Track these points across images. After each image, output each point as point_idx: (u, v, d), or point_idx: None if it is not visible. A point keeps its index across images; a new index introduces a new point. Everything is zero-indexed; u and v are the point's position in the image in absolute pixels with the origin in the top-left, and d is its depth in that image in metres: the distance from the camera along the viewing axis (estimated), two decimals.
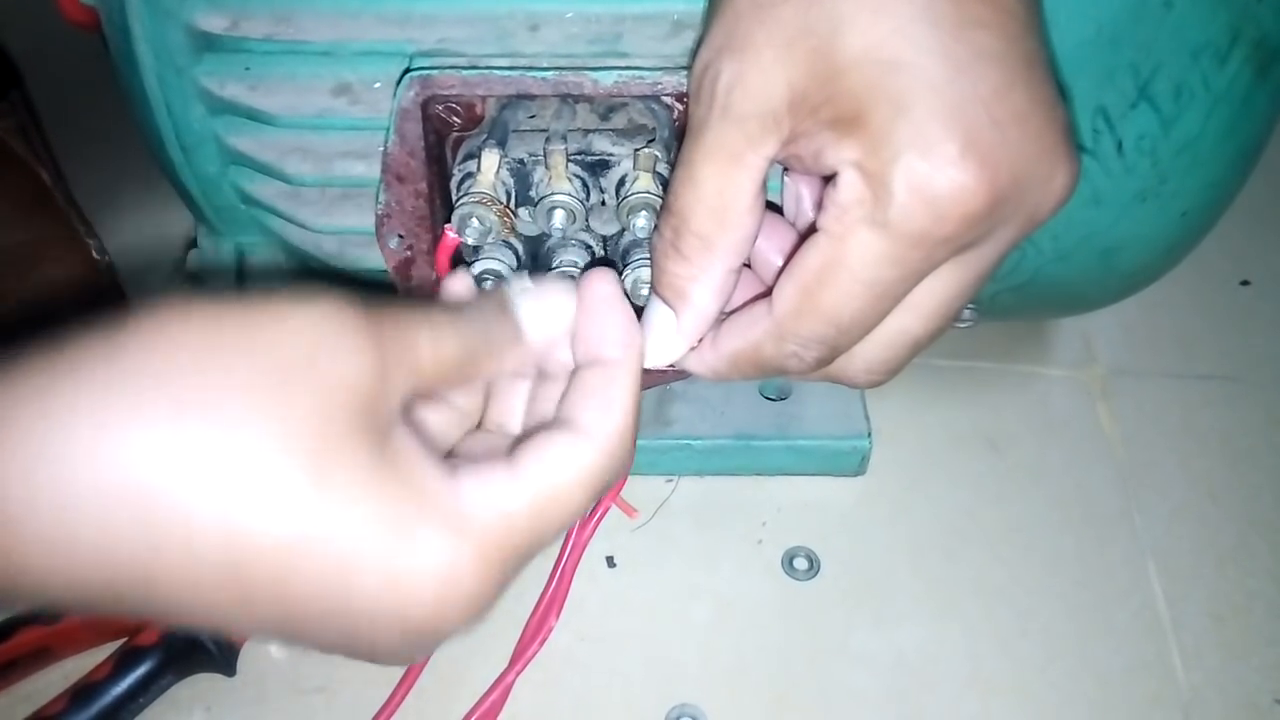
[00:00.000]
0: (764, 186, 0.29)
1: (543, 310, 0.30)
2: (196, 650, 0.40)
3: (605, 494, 0.29)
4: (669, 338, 0.31)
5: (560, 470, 0.27)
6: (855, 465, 0.48)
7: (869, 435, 0.47)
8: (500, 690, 0.40)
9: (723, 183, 0.28)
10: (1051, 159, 0.26)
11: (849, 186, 0.26)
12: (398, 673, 0.41)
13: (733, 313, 0.31)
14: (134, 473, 0.21)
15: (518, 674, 0.40)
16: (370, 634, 0.24)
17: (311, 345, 0.23)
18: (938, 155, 0.25)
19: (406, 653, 0.25)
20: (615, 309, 0.31)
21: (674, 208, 0.29)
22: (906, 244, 0.26)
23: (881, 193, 0.26)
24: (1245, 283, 0.58)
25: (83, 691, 0.39)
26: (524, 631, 0.42)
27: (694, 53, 0.29)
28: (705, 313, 0.30)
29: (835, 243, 0.27)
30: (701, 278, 0.29)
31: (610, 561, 0.45)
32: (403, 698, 0.40)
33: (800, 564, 0.45)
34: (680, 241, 0.29)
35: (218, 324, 0.23)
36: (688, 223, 0.29)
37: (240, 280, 0.43)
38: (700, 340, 0.31)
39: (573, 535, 0.43)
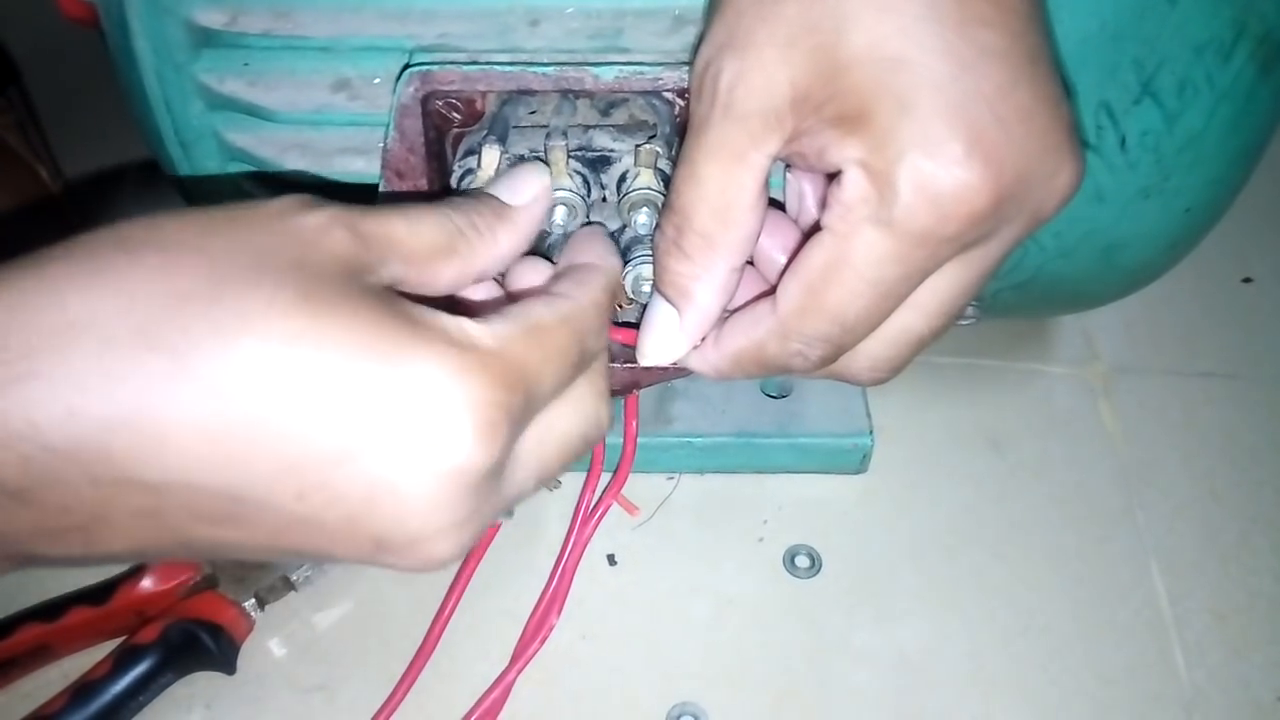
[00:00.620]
0: (767, 184, 0.28)
1: (517, 178, 0.30)
2: (196, 648, 0.40)
3: (586, 355, 0.28)
4: (671, 336, 0.31)
5: (542, 310, 0.26)
6: (857, 463, 0.48)
7: (870, 433, 0.47)
8: (501, 688, 0.40)
9: (725, 181, 0.28)
10: (1056, 156, 0.26)
11: (853, 185, 0.26)
12: (398, 670, 0.41)
13: (736, 311, 0.31)
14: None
15: (519, 672, 0.40)
16: (395, 470, 0.23)
17: (285, 214, 0.24)
18: (943, 154, 0.25)
19: (441, 495, 0.24)
20: (594, 236, 0.31)
21: (676, 206, 0.29)
22: (911, 242, 0.26)
23: (886, 191, 0.25)
24: (1248, 280, 0.58)
25: (82, 689, 0.39)
26: (525, 629, 0.42)
27: (695, 49, 0.29)
28: (708, 311, 0.30)
29: (840, 241, 0.27)
30: (704, 276, 0.29)
31: (611, 559, 0.45)
32: (403, 696, 0.40)
33: (802, 562, 0.45)
34: (683, 240, 0.29)
35: (203, 213, 0.24)
36: (690, 221, 0.29)
37: None
38: (703, 338, 0.31)
39: (574, 532, 0.43)
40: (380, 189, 0.36)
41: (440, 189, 0.37)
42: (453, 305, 0.27)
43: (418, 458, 0.23)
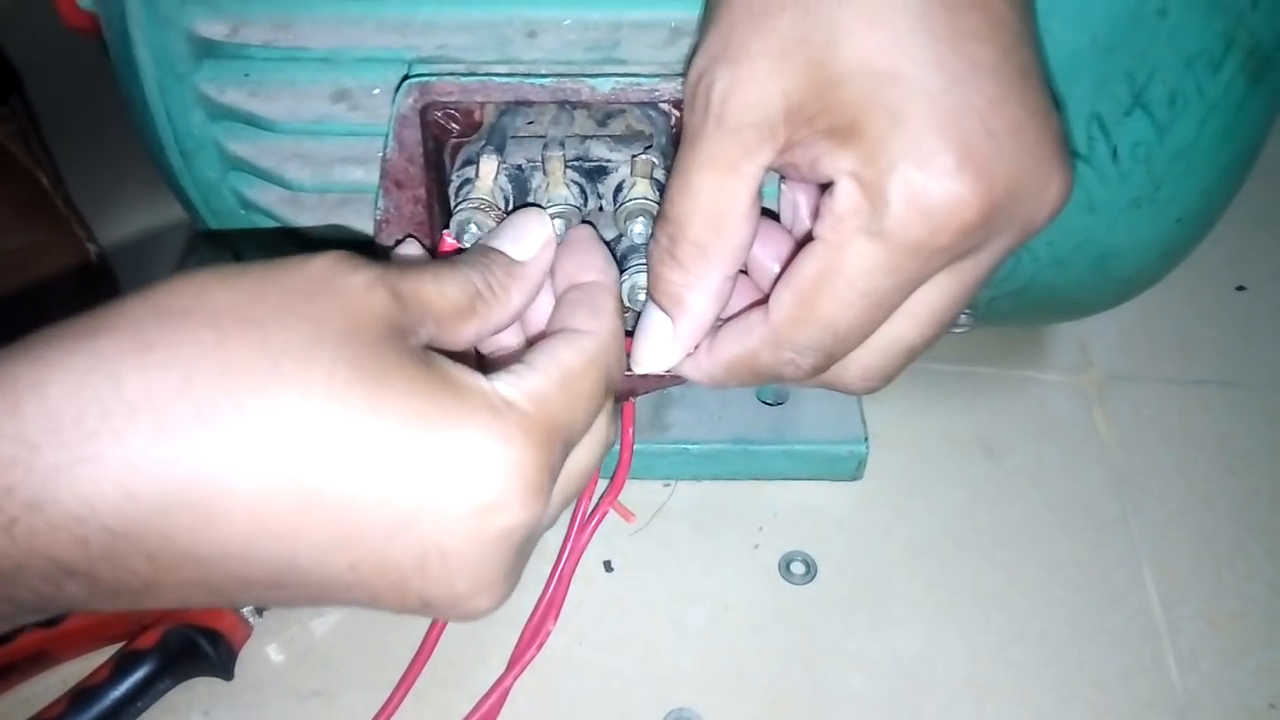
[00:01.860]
0: (760, 194, 0.29)
1: (522, 230, 0.31)
2: (194, 654, 0.41)
3: (610, 388, 0.29)
4: (665, 344, 0.31)
5: (569, 355, 0.28)
6: (852, 470, 0.48)
7: (866, 440, 0.47)
8: (498, 694, 0.40)
9: (718, 191, 0.28)
10: (1046, 169, 0.27)
11: (845, 196, 0.26)
12: (395, 675, 0.41)
13: (729, 319, 0.31)
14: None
15: (515, 678, 0.41)
16: (446, 537, 0.24)
17: (330, 276, 0.25)
18: (934, 166, 0.25)
19: (489, 558, 0.25)
20: (590, 243, 0.32)
21: (670, 215, 0.29)
22: (902, 253, 0.26)
23: (878, 202, 0.26)
24: (1241, 288, 0.58)
25: (81, 695, 0.39)
26: (522, 635, 0.42)
27: (689, 60, 0.29)
28: (701, 320, 0.30)
29: (832, 251, 0.27)
30: (697, 285, 0.30)
31: (608, 566, 0.45)
32: (400, 701, 0.40)
33: (797, 568, 0.45)
34: (676, 249, 0.29)
35: (244, 274, 0.25)
36: (684, 230, 0.29)
37: None
38: (696, 347, 0.31)
39: (570, 539, 0.43)
40: (378, 199, 0.36)
41: (439, 199, 0.37)
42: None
43: (467, 524, 0.24)
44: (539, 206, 0.32)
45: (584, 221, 0.35)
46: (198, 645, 0.40)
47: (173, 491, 0.22)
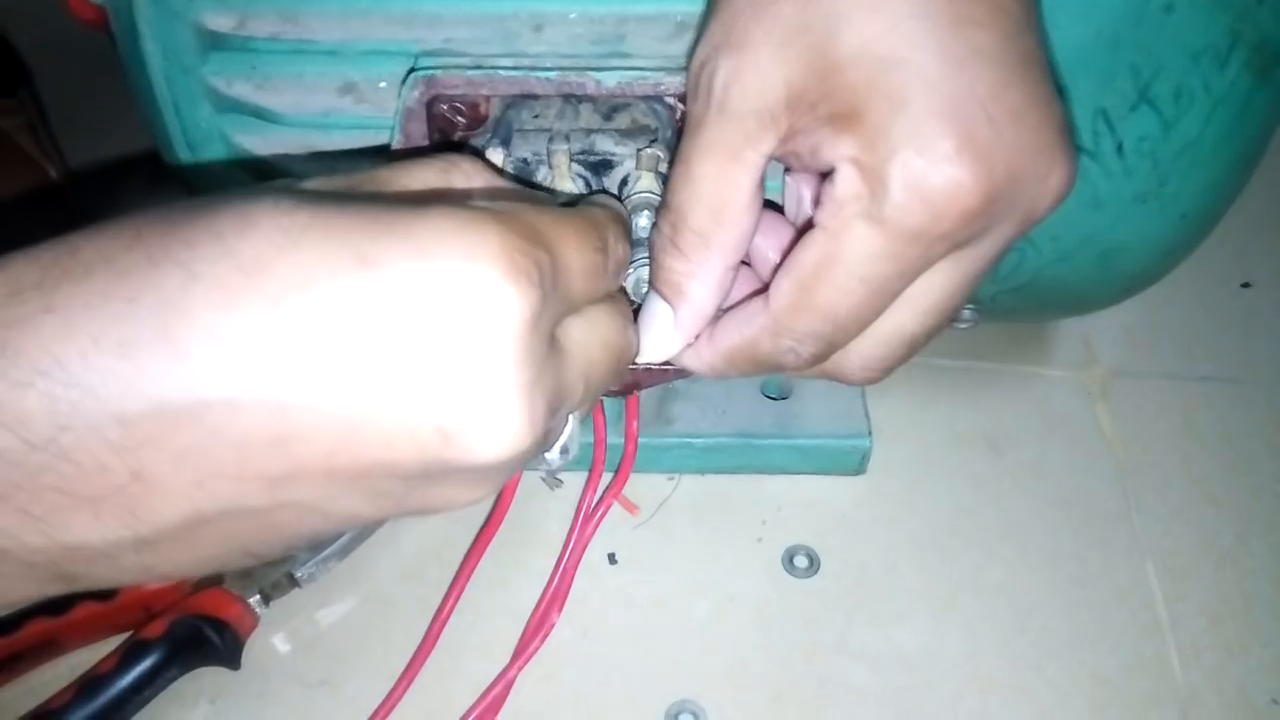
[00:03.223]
0: (762, 184, 0.29)
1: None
2: (201, 643, 0.41)
3: (609, 255, 0.28)
4: (666, 333, 0.31)
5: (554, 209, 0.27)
6: (855, 464, 0.48)
7: (869, 434, 0.47)
8: (502, 685, 0.40)
9: (720, 180, 0.28)
10: (1048, 156, 0.27)
11: (846, 182, 0.26)
12: (400, 666, 0.41)
13: (730, 308, 0.31)
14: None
15: (519, 669, 0.41)
16: (440, 340, 0.22)
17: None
18: (934, 152, 0.25)
19: (491, 351, 0.22)
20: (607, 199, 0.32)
21: (672, 204, 0.30)
22: (903, 240, 0.26)
23: (878, 188, 0.26)
24: (1246, 285, 0.58)
25: (88, 684, 0.39)
26: (526, 627, 0.42)
27: (692, 50, 0.29)
28: (702, 309, 0.30)
29: (831, 238, 0.27)
30: (699, 274, 0.30)
31: (612, 558, 0.46)
32: (405, 692, 0.41)
33: (800, 562, 0.46)
34: (678, 238, 0.29)
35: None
36: (686, 220, 0.29)
37: None
38: (698, 337, 0.31)
39: (574, 531, 0.43)
40: None
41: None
42: None
43: (457, 317, 0.22)
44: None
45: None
46: (205, 635, 0.41)
47: (136, 331, 0.21)
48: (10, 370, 0.20)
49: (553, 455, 0.29)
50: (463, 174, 0.28)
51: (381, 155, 0.36)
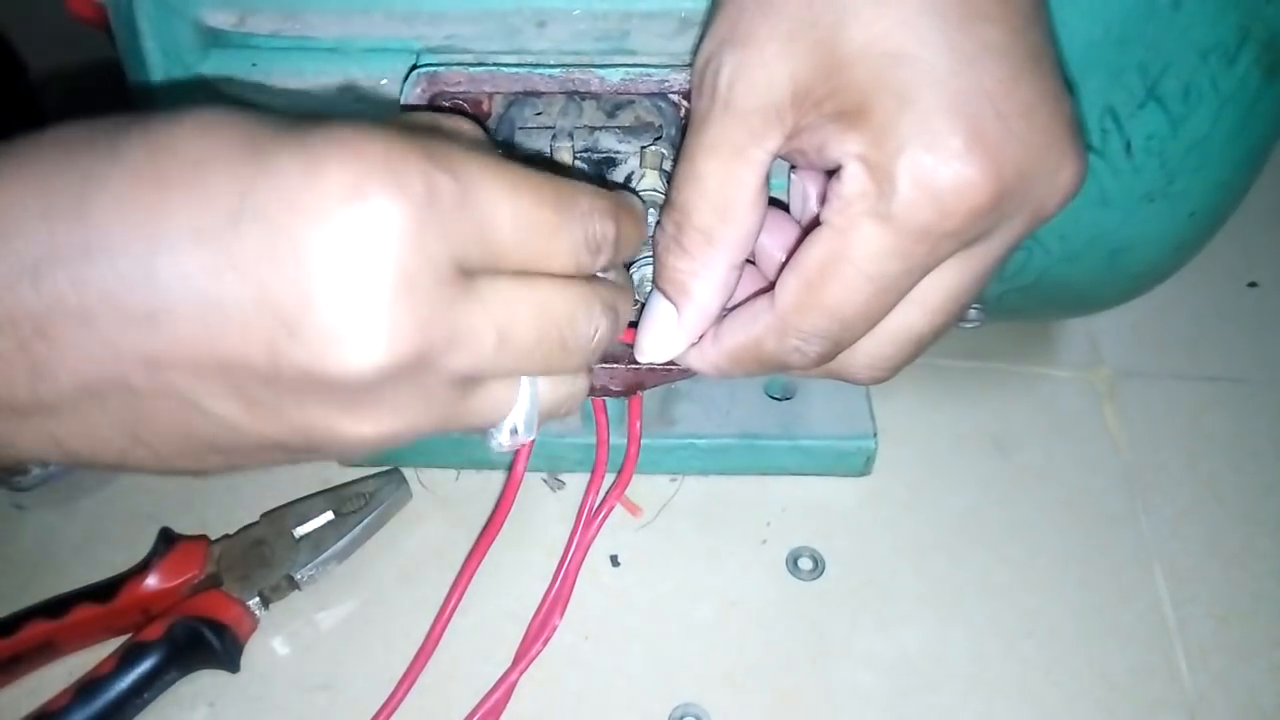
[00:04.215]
0: (767, 181, 0.29)
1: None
2: (200, 646, 0.40)
3: (578, 225, 0.26)
4: (670, 333, 0.31)
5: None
6: (861, 465, 0.48)
7: (875, 435, 0.47)
8: (504, 689, 0.40)
9: (725, 177, 0.28)
10: (1058, 153, 0.26)
11: (853, 179, 0.26)
12: (400, 669, 0.41)
13: (735, 307, 0.31)
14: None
15: (521, 673, 0.41)
16: (298, 227, 0.22)
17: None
18: (942, 148, 0.25)
19: (354, 262, 0.22)
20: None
21: (676, 202, 0.29)
22: (911, 238, 0.26)
23: (885, 185, 0.25)
24: (1253, 284, 0.58)
25: (87, 687, 0.39)
26: (528, 630, 0.42)
27: (697, 46, 0.29)
28: (707, 308, 0.30)
29: (838, 236, 0.27)
30: (703, 273, 0.29)
31: (614, 561, 0.45)
32: (405, 695, 0.40)
33: (805, 564, 0.45)
34: (682, 236, 0.29)
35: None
36: (690, 218, 0.29)
37: None
38: (701, 336, 0.31)
39: (577, 533, 0.43)
40: None
41: None
42: None
43: (324, 218, 0.22)
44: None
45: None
46: (203, 638, 0.40)
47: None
48: None
49: (500, 434, 0.27)
50: (453, 122, 0.28)
51: None
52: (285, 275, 0.22)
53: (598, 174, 0.33)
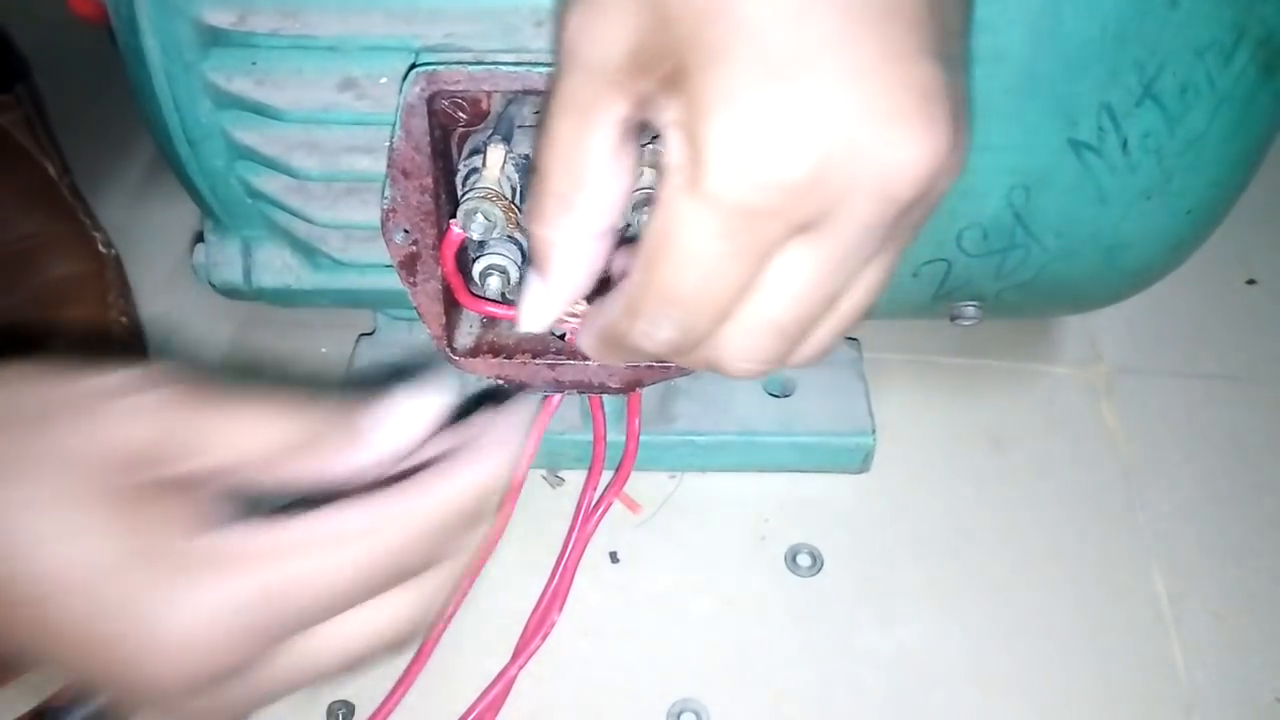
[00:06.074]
0: (627, 148, 0.26)
1: (386, 425, 0.28)
2: None
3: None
4: (537, 304, 0.29)
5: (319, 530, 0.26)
6: (859, 462, 0.48)
7: (873, 432, 0.47)
8: (503, 684, 0.40)
9: (575, 139, 0.26)
10: (900, 124, 0.23)
11: (671, 150, 0.24)
12: (401, 665, 0.41)
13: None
14: None
15: (520, 668, 0.41)
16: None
17: (110, 392, 0.25)
18: (753, 115, 0.22)
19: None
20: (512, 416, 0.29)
21: (535, 165, 0.27)
22: (726, 214, 0.23)
23: (697, 157, 0.23)
24: (1251, 281, 0.58)
25: None
26: (527, 626, 0.42)
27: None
28: (569, 278, 0.28)
29: (662, 212, 0.25)
30: (561, 242, 0.27)
31: (613, 557, 0.45)
32: (405, 690, 0.40)
33: (803, 560, 0.45)
34: (540, 201, 0.27)
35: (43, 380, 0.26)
36: (545, 181, 0.27)
37: (246, 274, 0.43)
38: (581, 314, 0.30)
39: (576, 530, 0.43)
40: (385, 188, 0.36)
41: (446, 188, 0.37)
42: None
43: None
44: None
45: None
46: None
47: None
48: None
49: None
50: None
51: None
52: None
53: None
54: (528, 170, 0.30)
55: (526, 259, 0.35)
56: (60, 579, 0.24)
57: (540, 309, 0.29)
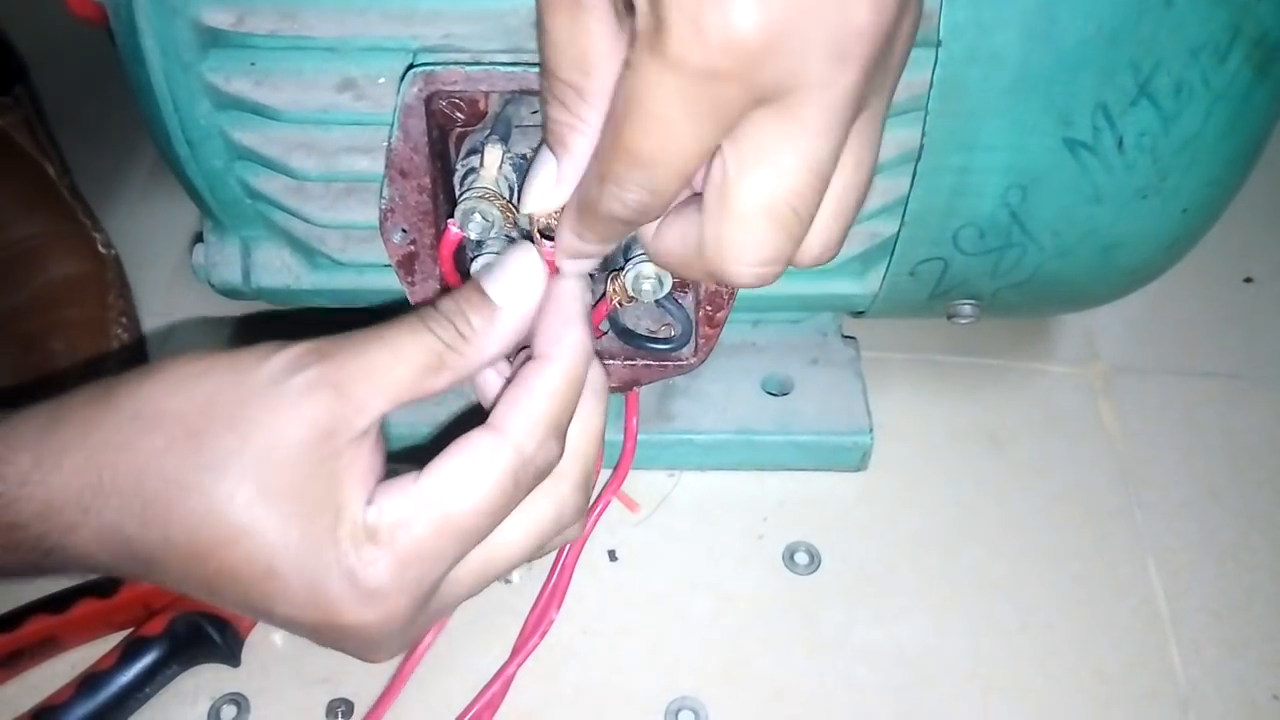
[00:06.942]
0: (621, 26, 0.27)
1: (511, 275, 0.32)
2: (201, 640, 0.41)
3: (523, 489, 0.31)
4: (549, 185, 0.30)
5: (462, 478, 0.30)
6: (857, 460, 0.48)
7: (870, 430, 0.47)
8: (501, 682, 0.40)
9: (572, 31, 0.27)
10: None
11: (640, 14, 0.25)
12: (397, 662, 0.41)
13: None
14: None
15: (519, 666, 0.41)
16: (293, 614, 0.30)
17: (273, 383, 0.29)
18: None
19: (333, 640, 0.30)
20: (564, 305, 0.32)
21: (541, 61, 0.29)
22: (687, 76, 0.24)
23: (659, 19, 0.24)
24: (1248, 280, 0.58)
25: (89, 681, 0.39)
26: (525, 624, 0.42)
27: None
28: (583, 156, 0.29)
29: (629, 73, 0.26)
30: (580, 125, 0.28)
31: (612, 555, 0.46)
32: (403, 688, 0.41)
33: (801, 558, 0.46)
34: (554, 91, 0.29)
35: (205, 378, 0.29)
36: (554, 73, 0.28)
37: (246, 274, 0.43)
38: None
39: None
40: (383, 188, 0.36)
41: (444, 188, 0.37)
42: None
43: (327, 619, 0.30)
44: (531, 242, 0.32)
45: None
46: (205, 632, 0.41)
47: (123, 556, 0.29)
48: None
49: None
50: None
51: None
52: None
53: None
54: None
55: None
56: (278, 560, 0.28)
57: (550, 191, 0.30)
